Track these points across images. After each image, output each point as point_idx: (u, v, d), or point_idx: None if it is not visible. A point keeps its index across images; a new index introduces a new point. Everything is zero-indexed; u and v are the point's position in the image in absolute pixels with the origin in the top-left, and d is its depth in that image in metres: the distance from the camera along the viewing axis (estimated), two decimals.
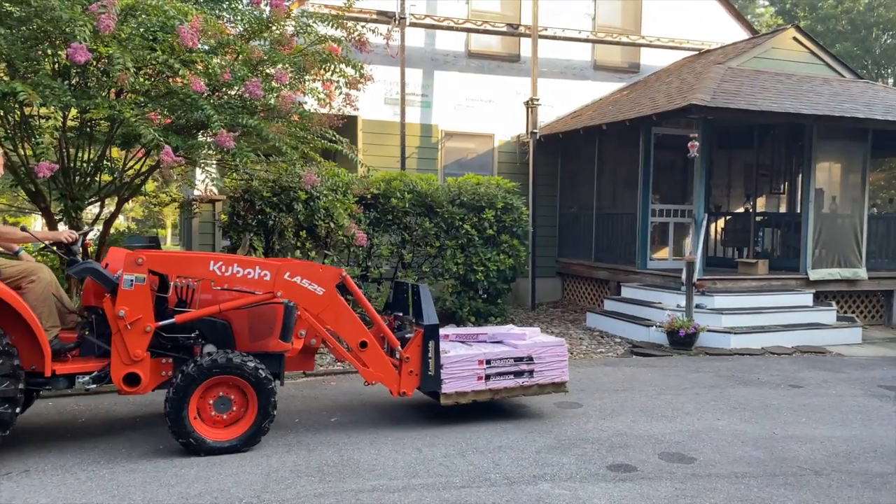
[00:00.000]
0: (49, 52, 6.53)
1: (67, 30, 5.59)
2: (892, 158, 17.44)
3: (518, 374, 5.70)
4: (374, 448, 5.02)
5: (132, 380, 4.69)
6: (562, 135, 12.52)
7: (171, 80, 6.66)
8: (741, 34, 14.79)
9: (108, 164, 8.00)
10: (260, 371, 4.77)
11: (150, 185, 9.87)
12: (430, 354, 5.35)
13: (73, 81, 6.66)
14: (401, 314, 5.87)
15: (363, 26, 7.86)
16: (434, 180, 10.55)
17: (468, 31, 12.74)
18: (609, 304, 11.12)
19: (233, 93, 7.11)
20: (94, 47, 5.67)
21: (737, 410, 6.23)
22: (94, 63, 6.25)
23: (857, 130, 10.79)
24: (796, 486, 4.46)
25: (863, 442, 5.37)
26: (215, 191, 9.05)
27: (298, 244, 9.41)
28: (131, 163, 8.01)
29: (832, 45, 27.46)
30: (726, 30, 14.77)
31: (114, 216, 8.45)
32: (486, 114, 13.19)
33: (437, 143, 12.92)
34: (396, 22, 11.86)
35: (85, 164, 7.54)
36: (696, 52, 14.17)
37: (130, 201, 10.77)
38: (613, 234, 12.24)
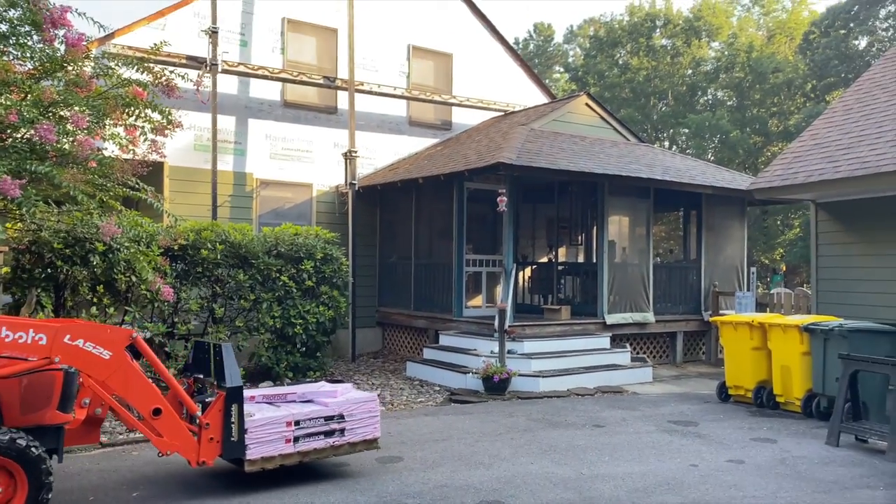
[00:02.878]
0: None
1: None
2: (669, 213, 19.68)
3: (329, 433, 5.53)
4: None
5: None
6: (380, 186, 12.73)
7: None
8: (541, 98, 16.08)
9: None
10: (31, 450, 4.21)
11: None
12: (233, 419, 5.02)
13: None
14: (201, 376, 5.43)
15: (171, 71, 7.54)
16: (249, 230, 10.22)
17: (283, 80, 12.65)
18: (428, 353, 11.32)
19: (19, 136, 6.45)
20: None
21: (548, 453, 6.55)
22: None
23: (642, 188, 12.08)
24: None
25: (657, 476, 5.86)
26: None
27: (95, 300, 8.61)
28: None
29: (618, 110, 30.72)
30: (528, 93, 15.99)
31: None
32: (304, 164, 13.09)
33: (252, 192, 12.57)
34: (208, 68, 11.51)
35: None
36: (503, 113, 15.17)
37: None
38: (431, 284, 12.55)
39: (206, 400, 5.14)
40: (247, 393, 5.50)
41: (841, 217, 10.09)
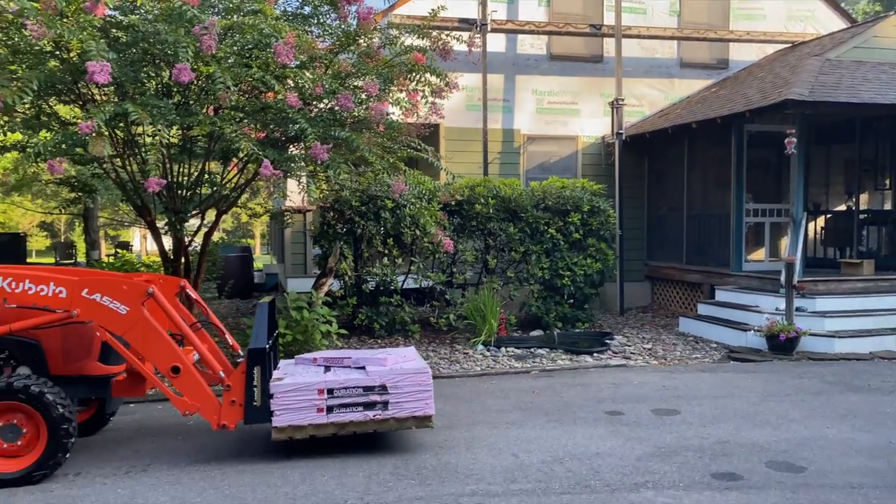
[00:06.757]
0: (153, 73, 6.90)
1: (171, 52, 5.90)
2: None
3: (369, 405, 4.92)
4: (469, 453, 5.04)
5: None
6: (648, 135, 12.24)
7: (264, 95, 6.92)
8: (837, 24, 14.08)
9: (208, 177, 8.38)
10: (46, 396, 4.37)
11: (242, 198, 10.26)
12: (255, 382, 4.74)
13: (176, 100, 7.01)
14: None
15: (446, 34, 7.94)
16: (517, 185, 10.51)
17: (550, 33, 12.65)
18: (703, 308, 10.76)
19: (322, 106, 7.31)
20: (196, 67, 5.95)
21: (847, 418, 5.91)
22: (195, 82, 6.56)
23: None
24: None
25: None
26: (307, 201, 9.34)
27: (386, 251, 9.58)
28: (229, 176, 8.35)
29: None
30: (820, 19, 14.10)
31: (213, 227, 8.83)
32: (569, 116, 13.06)
33: (520, 148, 12.87)
34: (478, 28, 11.91)
35: (186, 179, 7.94)
36: (790, 45, 13.58)
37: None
38: (705, 236, 11.85)
39: (238, 361, 5.05)
40: (310, 355, 5.44)
41: None
